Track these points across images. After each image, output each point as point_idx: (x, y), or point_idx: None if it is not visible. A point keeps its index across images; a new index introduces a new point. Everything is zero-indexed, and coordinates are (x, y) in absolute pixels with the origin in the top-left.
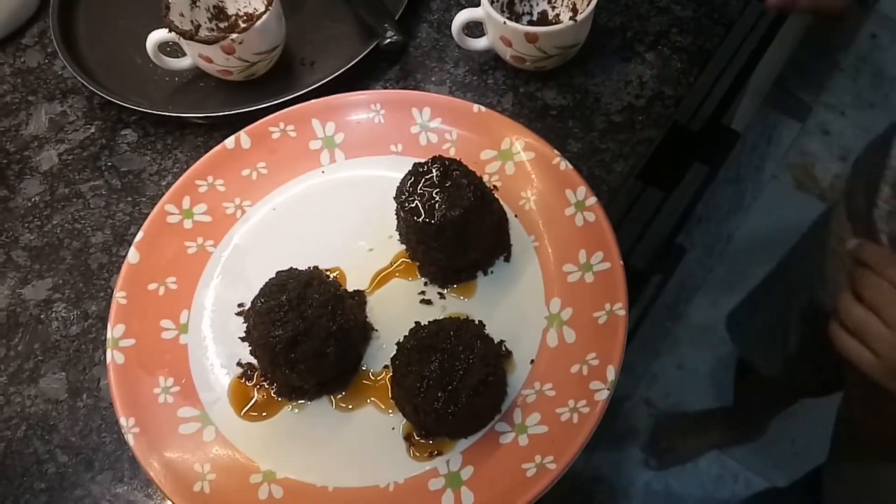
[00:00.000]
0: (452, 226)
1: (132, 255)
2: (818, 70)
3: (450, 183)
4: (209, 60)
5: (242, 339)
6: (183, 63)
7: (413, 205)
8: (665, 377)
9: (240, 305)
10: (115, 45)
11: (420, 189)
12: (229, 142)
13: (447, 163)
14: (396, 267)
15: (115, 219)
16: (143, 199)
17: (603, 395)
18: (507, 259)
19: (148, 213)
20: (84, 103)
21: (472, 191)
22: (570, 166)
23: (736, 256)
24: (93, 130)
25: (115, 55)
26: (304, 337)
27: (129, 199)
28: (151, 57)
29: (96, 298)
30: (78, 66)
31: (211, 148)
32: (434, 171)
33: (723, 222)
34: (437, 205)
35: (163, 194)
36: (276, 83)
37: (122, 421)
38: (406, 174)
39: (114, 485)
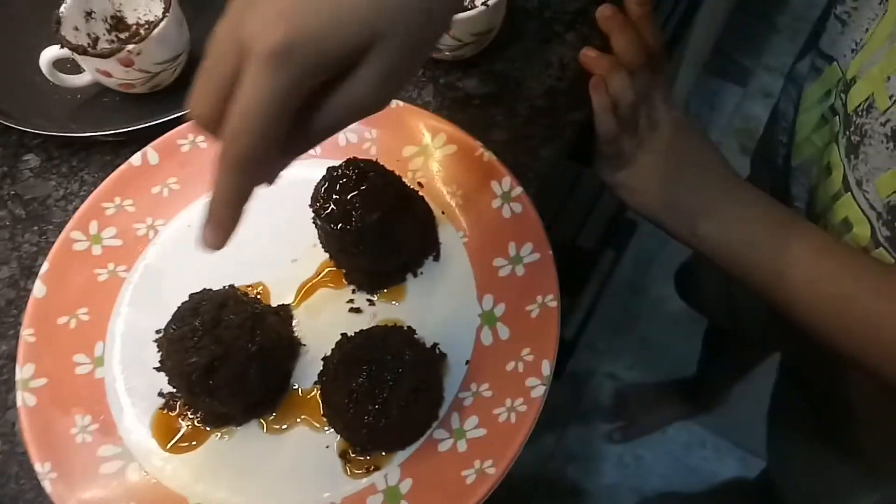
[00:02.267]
0: (372, 230)
1: (38, 290)
2: (756, 33)
3: (366, 185)
4: (108, 75)
5: (157, 370)
6: (82, 79)
7: (329, 211)
8: (628, 351)
9: (157, 332)
10: (10, 66)
11: (335, 194)
12: (135, 159)
13: (362, 164)
14: (322, 277)
15: (22, 250)
16: (50, 227)
17: (539, 392)
18: (436, 258)
19: (55, 242)
20: None
21: (391, 192)
22: (494, 157)
23: None
24: None
25: (10, 76)
26: (221, 361)
27: (35, 227)
28: (47, 76)
29: (6, 337)
30: None
31: (119, 166)
32: (349, 174)
33: None
34: (354, 210)
35: (70, 220)
36: (183, 93)
37: (38, 467)
38: (320, 180)
39: None
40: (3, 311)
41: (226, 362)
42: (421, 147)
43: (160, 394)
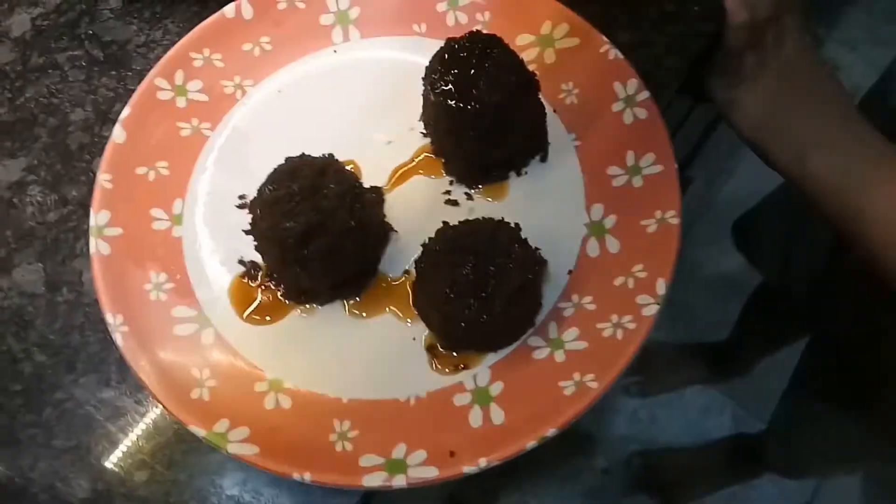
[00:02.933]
0: (491, 112)
1: (118, 134)
2: (830, 4)
3: (489, 63)
4: None
5: (247, 233)
6: None
7: (446, 87)
8: None
9: (240, 197)
10: None
11: (454, 69)
12: (229, 10)
13: (486, 40)
14: (419, 163)
15: (98, 94)
16: (129, 74)
17: (652, 311)
18: (543, 159)
19: (134, 89)
20: None
21: (514, 74)
22: (621, 55)
23: (735, 194)
24: None
25: None
26: (318, 230)
27: (113, 72)
28: None
29: (76, 182)
30: None
31: (205, 19)
32: (471, 49)
33: (724, 159)
34: (474, 87)
35: (151, 69)
36: None
37: (109, 318)
38: (438, 52)
39: (99, 388)
40: (75, 154)
41: (323, 232)
42: (538, 37)
43: (240, 261)
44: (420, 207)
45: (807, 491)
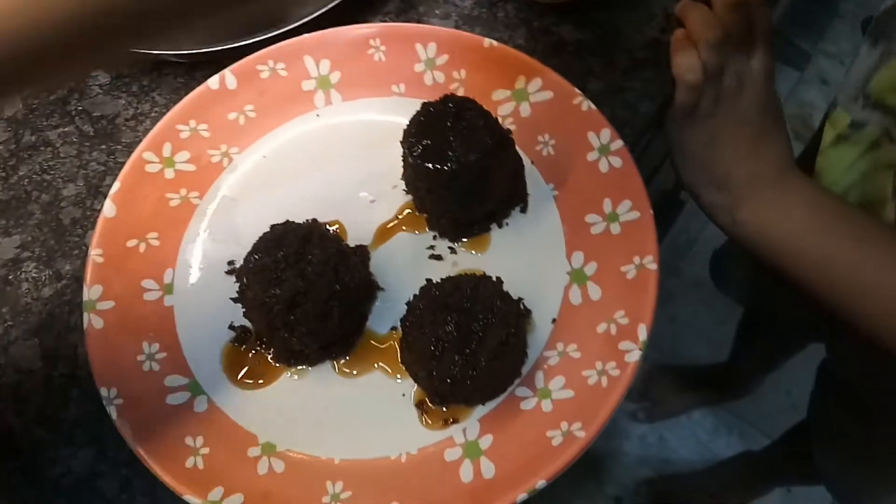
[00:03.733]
0: (468, 172)
1: (108, 209)
2: (817, 17)
3: (464, 125)
4: None
5: (235, 301)
6: None
7: (423, 149)
8: (659, 331)
9: (229, 263)
10: None
11: (431, 131)
12: (213, 82)
13: (460, 102)
14: (402, 219)
15: (89, 168)
16: (119, 147)
17: (634, 356)
18: (523, 210)
19: (124, 162)
20: None
21: (489, 133)
22: (594, 106)
23: None
24: None
25: None
26: (304, 297)
27: (103, 146)
28: None
29: (70, 257)
30: None
31: (192, 90)
32: (446, 111)
33: None
34: (450, 149)
35: (140, 141)
36: (263, 16)
37: (103, 391)
38: (414, 115)
39: (97, 461)
40: (68, 229)
41: (309, 298)
42: (514, 91)
43: (231, 326)
44: (405, 263)
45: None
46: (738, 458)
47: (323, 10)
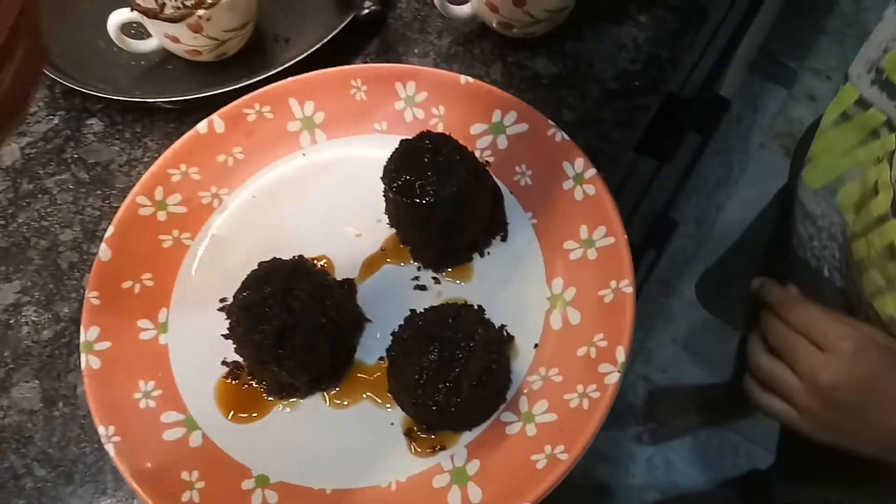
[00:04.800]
0: (446, 205)
1: (103, 252)
2: (803, 35)
3: (441, 159)
4: (176, 40)
5: (226, 337)
6: (148, 45)
7: (403, 185)
8: (661, 353)
9: (221, 300)
10: (76, 29)
11: (409, 167)
12: (202, 126)
13: (436, 138)
14: (387, 252)
15: (85, 214)
16: (114, 192)
17: (613, 378)
18: (503, 239)
19: (119, 207)
20: (45, 93)
21: (465, 167)
22: (567, 137)
23: (726, 229)
24: (56, 121)
25: (75, 40)
26: (292, 331)
27: (99, 192)
28: (114, 39)
29: (68, 300)
30: None
31: (183, 134)
32: (423, 147)
33: (711, 195)
34: (428, 183)
35: (134, 186)
36: (248, 62)
37: (101, 430)
38: (393, 152)
39: (97, 498)
40: (66, 273)
41: (296, 332)
42: (490, 125)
43: (224, 362)
44: (391, 295)
45: None
46: (744, 478)
47: (306, 53)
